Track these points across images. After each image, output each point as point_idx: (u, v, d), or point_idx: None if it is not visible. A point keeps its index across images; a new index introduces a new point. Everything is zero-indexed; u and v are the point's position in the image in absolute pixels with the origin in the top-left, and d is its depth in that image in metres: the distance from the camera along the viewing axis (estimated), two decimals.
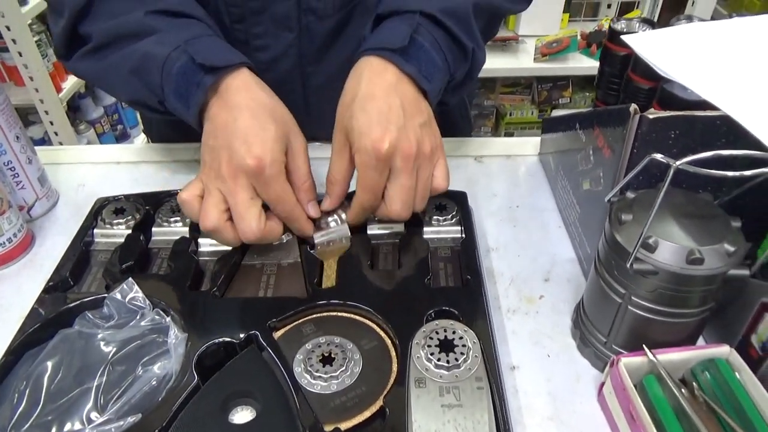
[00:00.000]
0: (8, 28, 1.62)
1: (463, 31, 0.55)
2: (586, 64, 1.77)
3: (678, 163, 0.35)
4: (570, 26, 1.91)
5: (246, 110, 0.49)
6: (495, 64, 1.75)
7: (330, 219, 0.55)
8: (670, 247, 0.38)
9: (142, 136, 2.36)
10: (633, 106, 0.43)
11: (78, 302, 0.46)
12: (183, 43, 0.50)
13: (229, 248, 0.53)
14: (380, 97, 0.48)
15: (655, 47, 0.50)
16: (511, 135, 2.09)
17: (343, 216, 0.54)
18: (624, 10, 2.01)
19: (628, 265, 0.40)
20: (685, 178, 0.40)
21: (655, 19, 1.92)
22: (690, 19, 0.56)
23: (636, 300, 0.42)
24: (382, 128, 0.47)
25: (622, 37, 0.51)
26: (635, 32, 0.55)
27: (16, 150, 0.59)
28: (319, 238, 0.54)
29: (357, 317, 0.47)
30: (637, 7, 1.98)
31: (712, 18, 2.03)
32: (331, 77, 0.66)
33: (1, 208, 0.55)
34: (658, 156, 0.37)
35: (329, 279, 0.50)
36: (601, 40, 1.77)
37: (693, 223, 0.40)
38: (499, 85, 1.98)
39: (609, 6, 1.99)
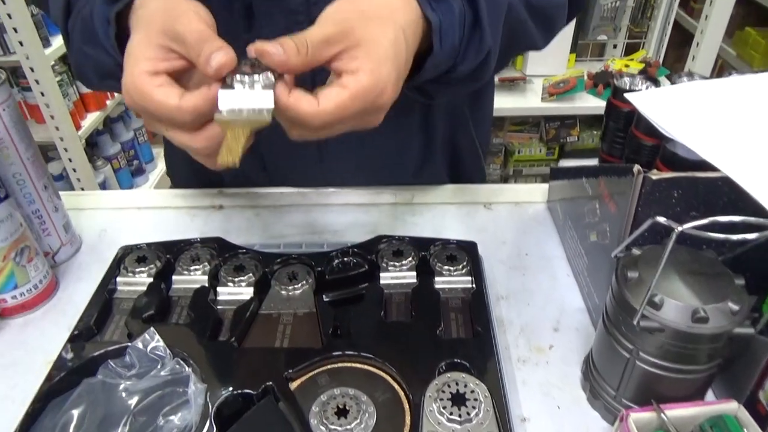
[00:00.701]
0: (32, 69, 1.68)
1: (490, 25, 0.50)
2: (593, 104, 1.80)
3: (681, 228, 0.36)
4: (577, 66, 1.95)
5: (142, 22, 0.44)
6: (503, 103, 1.79)
7: (253, 77, 0.40)
8: (676, 305, 0.40)
9: (157, 171, 2.42)
10: (636, 167, 0.44)
11: (102, 351, 0.48)
12: None
13: (247, 298, 0.55)
14: (394, 38, 0.43)
15: (657, 106, 0.52)
16: (519, 172, 2.11)
17: (272, 78, 0.40)
18: (630, 50, 2.05)
19: (635, 323, 0.41)
20: (689, 236, 0.41)
21: (661, 59, 1.96)
22: (691, 76, 0.58)
23: (644, 356, 0.43)
24: (392, 85, 0.43)
25: (626, 95, 0.54)
26: (638, 90, 0.57)
27: (44, 199, 0.62)
28: (227, 101, 0.39)
29: (371, 368, 0.48)
30: (642, 47, 2.02)
31: (719, 56, 2.07)
32: None
33: (29, 256, 0.57)
34: (661, 219, 0.38)
35: (230, 152, 0.40)
36: (607, 80, 1.81)
37: (697, 280, 0.41)
38: (507, 124, 2.01)
39: (615, 47, 2.03)
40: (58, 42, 1.80)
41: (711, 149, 0.45)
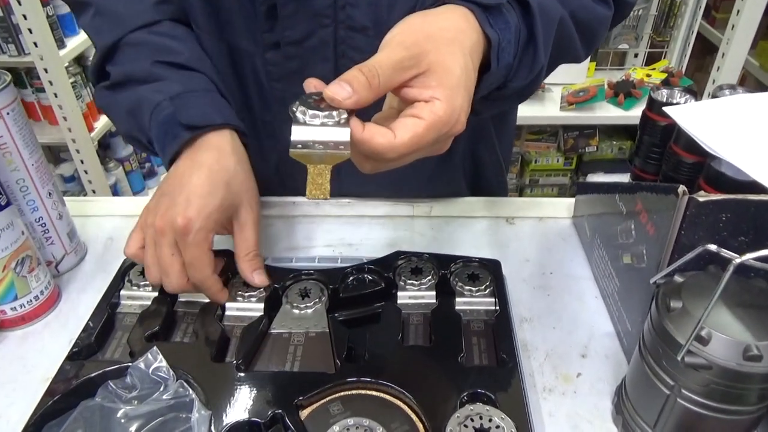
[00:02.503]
0: (46, 71, 1.68)
1: (543, 42, 0.49)
2: (613, 114, 1.76)
3: (740, 259, 0.33)
4: (597, 75, 1.91)
5: (205, 170, 0.51)
6: (521, 111, 1.73)
7: (326, 112, 0.39)
8: (725, 340, 0.36)
9: None
10: (681, 188, 0.41)
11: (101, 371, 0.45)
12: (175, 95, 0.54)
13: (256, 315, 0.52)
14: (464, 63, 0.42)
15: (700, 120, 0.48)
16: (536, 182, 2.07)
17: (344, 114, 0.39)
18: (650, 59, 2.01)
19: (679, 358, 0.38)
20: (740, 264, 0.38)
21: (684, 69, 1.92)
22: (734, 89, 0.55)
23: (686, 393, 0.39)
24: (465, 114, 0.42)
25: (664, 108, 0.50)
26: (677, 103, 0.54)
27: (48, 206, 0.59)
28: (299, 135, 0.39)
29: (387, 397, 0.45)
30: (664, 57, 1.98)
31: (743, 68, 2.02)
32: None
33: (30, 266, 0.55)
34: (713, 247, 0.35)
35: (318, 187, 0.41)
36: (628, 90, 1.77)
37: (748, 313, 0.38)
38: (524, 132, 1.98)
39: (636, 56, 1.99)
40: (72, 44, 1.79)
41: (761, 169, 0.42)
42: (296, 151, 0.39)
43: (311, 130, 0.39)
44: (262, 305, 0.53)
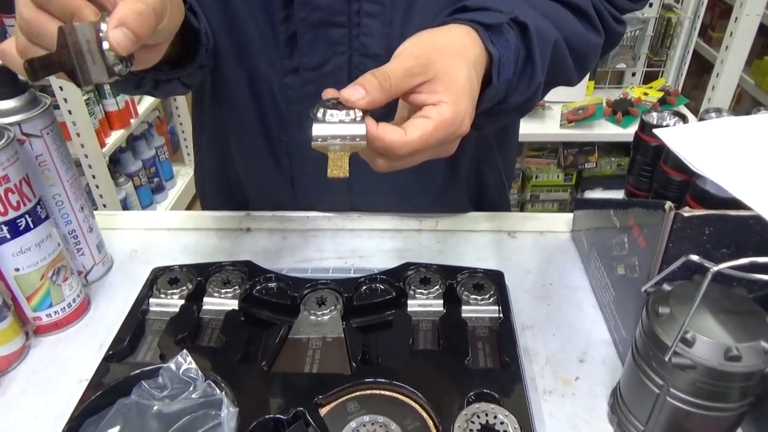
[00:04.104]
0: (61, 88, 1.73)
1: (540, 61, 0.53)
2: (612, 131, 1.81)
3: (716, 268, 0.37)
4: (596, 93, 1.96)
5: None
6: (522, 129, 1.77)
7: (344, 112, 0.43)
8: (708, 342, 0.40)
9: (176, 189, 2.45)
10: (668, 204, 0.45)
11: (135, 372, 0.49)
12: None
13: (277, 322, 0.55)
14: (468, 73, 0.46)
15: (687, 142, 0.53)
16: (537, 197, 2.11)
17: (360, 113, 0.43)
18: (648, 77, 2.06)
19: (666, 359, 0.41)
20: (720, 273, 0.41)
21: (680, 88, 1.97)
22: (719, 112, 0.59)
23: (674, 392, 0.43)
24: (469, 117, 0.46)
25: (654, 130, 0.55)
26: (667, 125, 0.58)
27: (80, 219, 0.63)
28: (319, 130, 0.42)
29: (400, 396, 0.48)
30: (661, 76, 2.03)
31: (739, 86, 2.07)
32: None
33: (64, 275, 0.59)
34: (695, 258, 0.39)
35: (338, 168, 0.44)
36: (626, 108, 1.81)
37: (729, 318, 0.42)
38: (525, 149, 2.02)
39: (633, 74, 2.04)
40: None
41: (741, 187, 0.46)
42: (317, 144, 0.43)
43: (330, 126, 0.43)
44: (281, 314, 0.57)
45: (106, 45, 0.39)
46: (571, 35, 0.57)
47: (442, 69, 0.45)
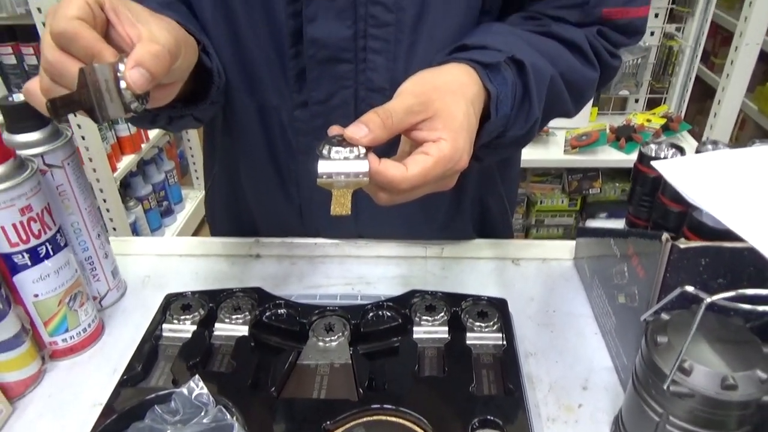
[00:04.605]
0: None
1: (537, 96, 0.55)
2: (616, 157, 1.83)
3: (710, 299, 0.38)
4: (599, 119, 1.98)
5: None
6: (526, 154, 1.81)
7: (348, 149, 0.45)
8: (705, 371, 0.41)
9: (185, 212, 2.48)
10: (665, 235, 0.47)
11: (151, 396, 0.51)
12: None
13: (286, 348, 0.57)
14: (466, 111, 0.48)
15: (683, 174, 0.54)
16: (541, 222, 2.12)
17: (363, 150, 0.45)
18: (651, 103, 2.09)
19: (665, 387, 0.42)
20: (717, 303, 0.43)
21: (683, 114, 1.99)
22: (716, 144, 0.61)
23: (674, 420, 0.44)
24: (467, 153, 0.48)
25: (652, 162, 0.56)
26: (664, 157, 0.60)
27: (97, 246, 0.66)
28: (324, 168, 0.44)
29: (406, 422, 0.49)
30: (664, 102, 2.05)
31: (742, 112, 2.09)
32: None
33: (81, 301, 0.61)
34: (690, 288, 0.40)
35: (341, 206, 0.46)
36: (629, 134, 1.84)
37: (726, 348, 0.43)
38: (530, 175, 2.05)
39: (636, 101, 2.07)
40: None
41: (736, 219, 0.47)
42: (322, 181, 0.45)
43: (334, 163, 0.44)
44: (291, 340, 0.58)
45: (123, 84, 0.42)
46: (566, 70, 0.60)
47: (441, 107, 0.47)
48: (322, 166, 0.44)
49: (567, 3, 0.62)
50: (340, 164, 0.45)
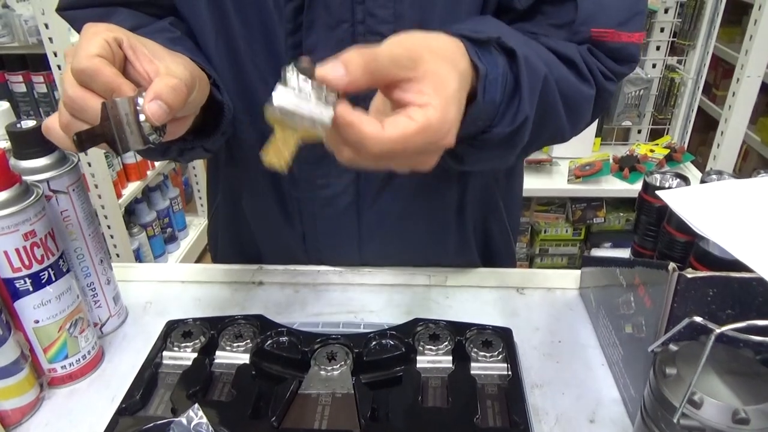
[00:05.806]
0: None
1: (528, 91, 0.50)
2: (619, 187, 1.83)
3: (719, 330, 0.37)
4: (602, 149, 1.99)
5: None
6: (530, 184, 1.82)
7: (317, 88, 0.39)
8: (716, 405, 0.40)
9: (188, 239, 2.48)
10: (672, 265, 0.46)
11: (149, 426, 0.50)
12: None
13: (287, 377, 0.56)
14: (459, 82, 0.43)
15: (689, 204, 0.54)
16: (545, 251, 2.12)
17: (334, 95, 0.39)
18: (654, 134, 2.10)
19: (675, 420, 0.41)
20: (726, 334, 0.42)
21: (686, 145, 2.00)
22: (720, 174, 0.61)
23: None
24: (455, 129, 0.43)
25: (657, 192, 0.56)
26: (669, 186, 0.60)
27: (99, 272, 0.65)
28: (282, 98, 0.38)
29: None
30: (666, 133, 2.06)
31: (745, 143, 2.10)
32: (382, 214, 0.72)
33: (81, 327, 0.60)
34: (698, 319, 0.40)
35: (278, 154, 0.40)
36: (633, 164, 1.84)
37: (737, 380, 0.42)
38: (534, 204, 2.05)
39: (639, 131, 2.08)
40: None
41: (744, 249, 0.47)
42: (273, 115, 0.38)
43: (295, 99, 0.38)
44: (292, 368, 0.58)
45: (142, 117, 0.43)
46: (561, 79, 0.55)
47: (434, 69, 0.41)
48: (281, 97, 0.38)
49: (554, 22, 0.59)
50: (303, 103, 0.38)
